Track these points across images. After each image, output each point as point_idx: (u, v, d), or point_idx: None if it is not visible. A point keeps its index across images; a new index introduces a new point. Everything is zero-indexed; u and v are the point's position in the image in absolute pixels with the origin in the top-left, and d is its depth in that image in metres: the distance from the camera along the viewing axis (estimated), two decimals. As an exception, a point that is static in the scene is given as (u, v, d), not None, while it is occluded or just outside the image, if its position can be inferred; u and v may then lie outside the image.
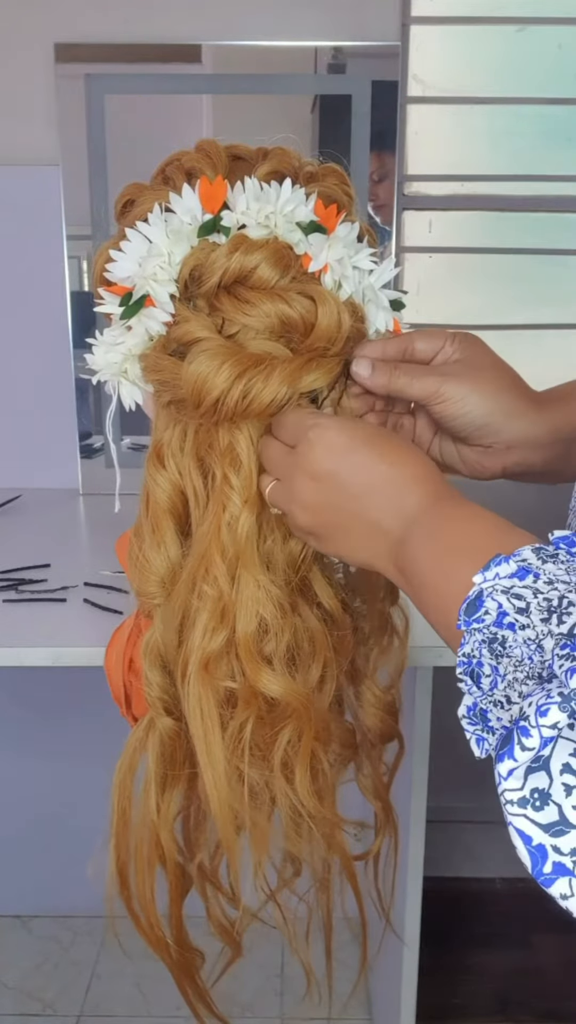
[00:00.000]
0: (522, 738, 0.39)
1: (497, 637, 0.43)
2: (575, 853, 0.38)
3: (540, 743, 0.39)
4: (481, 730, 0.44)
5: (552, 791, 0.38)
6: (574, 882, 0.38)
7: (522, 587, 0.43)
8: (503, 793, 0.39)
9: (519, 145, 1.60)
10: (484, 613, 0.44)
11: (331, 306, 0.59)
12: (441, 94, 1.57)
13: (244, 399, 0.57)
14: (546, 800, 0.38)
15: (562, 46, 1.55)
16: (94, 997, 1.65)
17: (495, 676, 0.43)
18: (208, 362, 0.57)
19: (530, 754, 0.39)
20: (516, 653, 0.43)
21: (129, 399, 0.65)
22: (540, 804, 0.38)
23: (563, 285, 1.67)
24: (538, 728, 0.39)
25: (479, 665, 0.44)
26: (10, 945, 1.76)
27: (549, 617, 0.42)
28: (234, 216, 0.59)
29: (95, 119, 1.45)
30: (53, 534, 1.40)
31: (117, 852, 0.69)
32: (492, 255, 1.65)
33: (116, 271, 0.61)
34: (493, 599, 0.44)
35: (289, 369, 0.58)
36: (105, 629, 0.80)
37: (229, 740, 0.62)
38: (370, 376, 0.62)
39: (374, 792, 0.75)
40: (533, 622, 0.42)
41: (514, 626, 0.43)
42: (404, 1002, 1.24)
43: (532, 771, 0.39)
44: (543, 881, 0.38)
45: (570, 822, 0.38)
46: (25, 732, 1.71)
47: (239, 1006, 1.62)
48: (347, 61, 1.46)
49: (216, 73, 1.46)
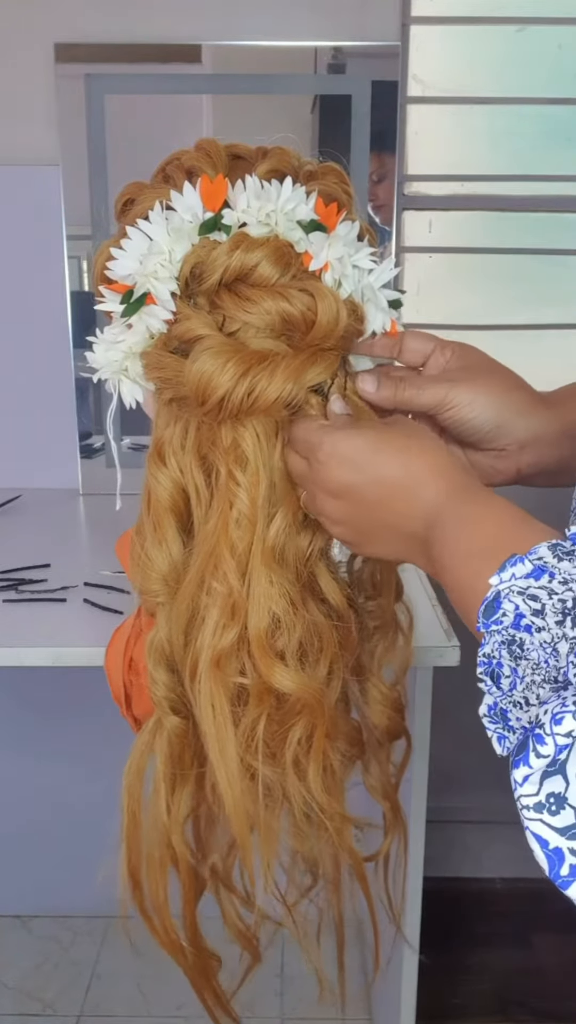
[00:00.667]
0: (537, 745, 0.39)
1: (515, 639, 0.44)
2: None
3: (555, 750, 0.39)
4: (502, 728, 0.45)
5: (568, 795, 0.38)
6: None
7: (538, 587, 0.43)
8: (519, 799, 0.40)
9: (519, 145, 1.60)
10: (502, 615, 0.44)
11: (330, 302, 0.59)
12: (441, 94, 1.57)
13: (249, 396, 0.57)
14: (562, 804, 0.38)
15: (562, 46, 1.55)
16: (94, 997, 1.65)
17: (514, 677, 0.44)
18: (212, 360, 0.57)
19: (545, 760, 0.39)
20: (534, 656, 0.43)
21: (129, 397, 0.65)
22: (556, 808, 0.39)
23: (563, 285, 1.67)
24: (553, 736, 0.39)
25: (499, 666, 0.44)
26: (10, 945, 1.76)
27: (563, 620, 0.42)
28: (235, 214, 0.59)
29: (95, 119, 1.45)
30: (53, 534, 1.40)
31: (128, 855, 0.69)
32: (492, 255, 1.65)
33: (117, 269, 0.61)
34: (510, 600, 0.44)
35: (293, 365, 0.58)
36: (105, 629, 0.80)
37: (241, 737, 0.62)
38: (376, 390, 0.62)
39: (382, 792, 0.74)
40: (548, 624, 0.43)
41: (531, 628, 0.43)
42: (404, 1002, 1.24)
43: (548, 776, 0.39)
44: (561, 883, 0.39)
45: None
46: (25, 732, 1.71)
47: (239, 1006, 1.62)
48: (347, 61, 1.46)
49: (216, 73, 1.46)
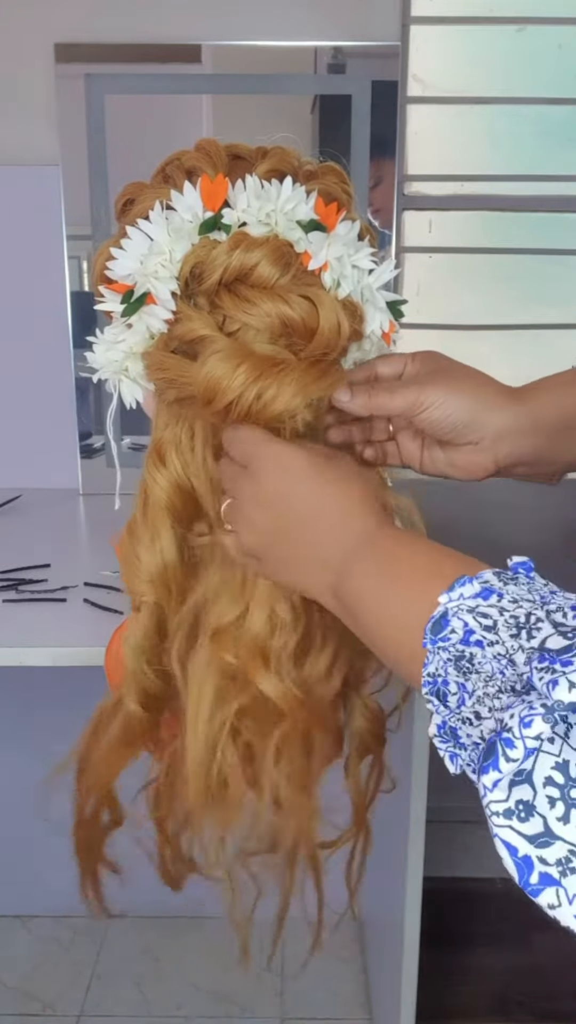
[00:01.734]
0: (506, 749, 0.39)
1: (464, 654, 0.44)
2: (560, 864, 0.38)
3: (524, 753, 0.39)
4: (453, 747, 0.45)
5: (536, 803, 0.39)
6: (561, 892, 0.38)
7: (487, 606, 0.44)
8: (488, 805, 0.40)
9: (519, 145, 1.61)
10: (450, 631, 0.45)
11: (330, 310, 0.59)
12: (441, 94, 1.57)
13: (258, 400, 0.58)
14: (531, 812, 0.39)
15: (562, 46, 1.56)
16: (94, 997, 1.65)
17: (462, 693, 0.44)
18: (223, 364, 0.57)
19: (514, 765, 0.39)
20: (487, 668, 0.43)
21: (130, 397, 0.65)
22: (525, 815, 0.39)
23: (563, 285, 1.67)
24: (522, 739, 0.39)
25: (444, 684, 0.45)
26: (10, 945, 1.76)
27: (518, 633, 0.43)
28: (235, 214, 0.59)
29: (95, 119, 1.45)
30: (53, 534, 1.40)
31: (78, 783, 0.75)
32: (492, 255, 1.65)
33: (117, 269, 0.61)
34: (459, 618, 0.45)
35: (304, 379, 0.58)
36: (105, 629, 0.80)
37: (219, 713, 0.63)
38: (350, 399, 0.63)
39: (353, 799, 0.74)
40: (502, 638, 0.43)
41: (482, 643, 0.44)
42: (404, 1002, 1.24)
43: (516, 784, 0.39)
44: (531, 891, 0.39)
45: (555, 833, 0.38)
46: (25, 732, 1.70)
47: (239, 1006, 1.62)
48: (347, 61, 1.46)
49: (216, 73, 1.46)
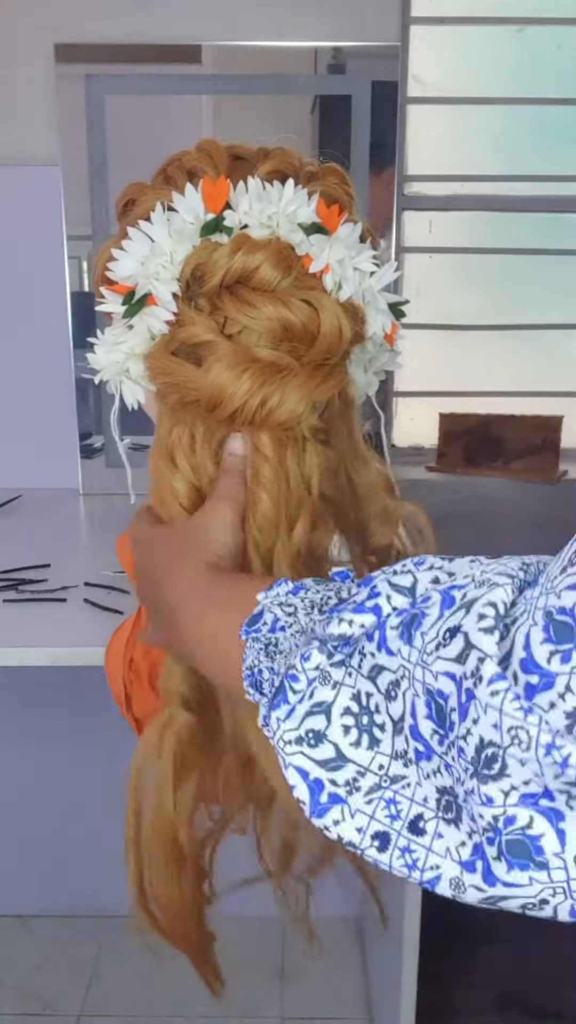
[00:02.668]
0: (292, 684, 0.44)
1: (272, 641, 0.49)
2: (348, 784, 0.42)
3: (307, 683, 0.44)
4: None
5: (329, 732, 0.43)
6: (345, 809, 0.42)
7: (295, 599, 0.50)
8: (280, 736, 0.44)
9: (519, 145, 1.61)
10: (262, 624, 0.49)
11: (331, 314, 0.59)
12: (441, 94, 1.57)
13: (262, 408, 0.58)
14: (320, 739, 0.43)
15: (562, 46, 1.56)
16: (94, 997, 1.65)
17: (271, 676, 0.47)
18: (228, 371, 0.57)
19: (302, 696, 0.44)
20: (285, 646, 0.48)
21: (131, 399, 0.65)
22: (315, 742, 0.43)
23: (563, 285, 1.67)
24: (304, 672, 0.44)
25: (259, 673, 0.48)
26: (10, 945, 1.76)
27: (311, 610, 0.48)
28: (237, 216, 0.59)
29: (95, 119, 1.45)
30: (53, 534, 1.40)
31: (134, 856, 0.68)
32: (492, 255, 1.65)
33: (118, 270, 0.61)
34: (270, 612, 0.50)
35: (309, 385, 0.58)
36: (105, 629, 0.80)
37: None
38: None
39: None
40: (299, 619, 0.48)
41: (285, 627, 0.49)
42: (404, 1002, 1.24)
43: (313, 714, 0.43)
44: (319, 811, 0.43)
45: (347, 757, 0.42)
46: (25, 732, 1.71)
47: (239, 1006, 1.62)
48: (347, 61, 1.46)
49: (216, 73, 1.46)
